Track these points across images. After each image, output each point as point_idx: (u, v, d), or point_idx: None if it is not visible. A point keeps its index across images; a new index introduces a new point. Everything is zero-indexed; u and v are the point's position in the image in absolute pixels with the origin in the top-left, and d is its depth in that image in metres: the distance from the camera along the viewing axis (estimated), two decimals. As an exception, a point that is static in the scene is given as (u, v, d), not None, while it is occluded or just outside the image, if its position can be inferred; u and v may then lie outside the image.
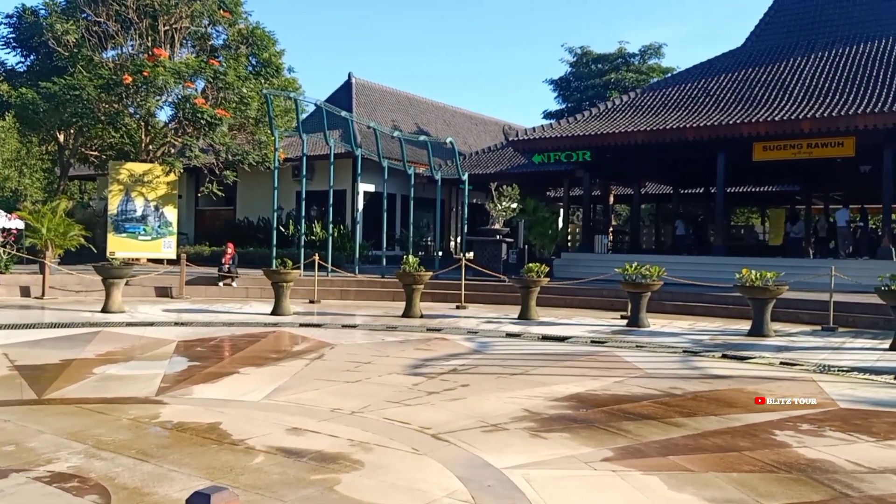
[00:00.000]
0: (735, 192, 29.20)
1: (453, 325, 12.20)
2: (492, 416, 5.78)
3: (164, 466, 4.32)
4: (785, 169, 22.81)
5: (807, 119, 16.91)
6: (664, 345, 10.13)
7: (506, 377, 7.67)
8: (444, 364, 8.33)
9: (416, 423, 5.51)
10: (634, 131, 19.07)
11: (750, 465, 4.58)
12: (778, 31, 22.13)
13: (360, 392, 6.70)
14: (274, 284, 13.40)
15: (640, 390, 6.95)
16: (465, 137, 33.07)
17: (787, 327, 12.25)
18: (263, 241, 22.45)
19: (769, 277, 11.23)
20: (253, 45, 20.79)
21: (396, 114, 29.98)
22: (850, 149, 17.38)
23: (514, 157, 25.12)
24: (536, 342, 10.46)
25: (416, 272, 13.32)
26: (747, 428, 5.51)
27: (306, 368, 7.99)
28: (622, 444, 5.03)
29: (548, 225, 20.92)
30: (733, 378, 7.70)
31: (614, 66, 39.89)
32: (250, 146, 21.18)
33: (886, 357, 9.18)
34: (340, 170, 22.70)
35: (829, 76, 19.18)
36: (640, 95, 22.37)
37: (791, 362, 8.70)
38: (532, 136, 20.96)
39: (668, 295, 14.49)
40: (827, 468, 4.51)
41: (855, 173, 21.60)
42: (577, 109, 33.29)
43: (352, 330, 11.55)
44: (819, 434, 5.39)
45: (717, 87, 20.80)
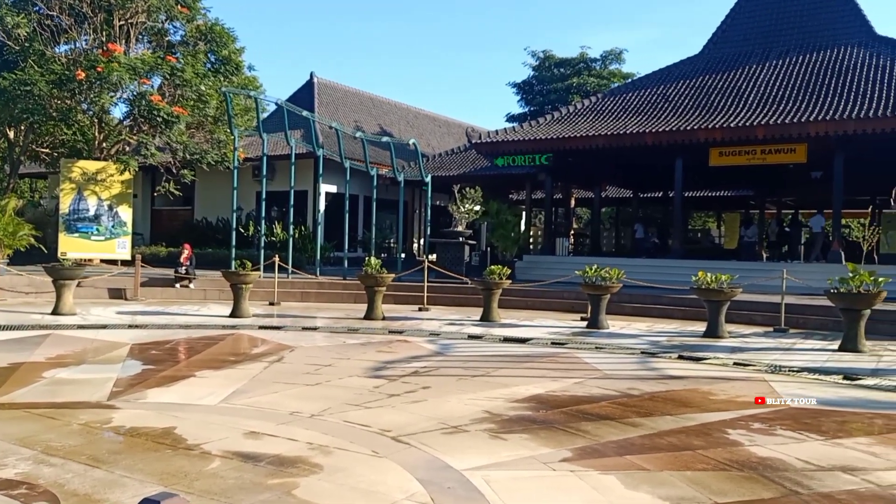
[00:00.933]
0: (692, 196, 29.80)
1: (415, 327, 12.18)
2: (453, 417, 5.79)
3: (115, 472, 4.22)
4: (740, 174, 23.37)
5: (761, 126, 17.34)
6: (623, 346, 10.27)
7: (467, 379, 7.69)
8: (405, 366, 8.32)
9: (376, 425, 5.49)
10: (595, 135, 19.32)
11: (704, 463, 4.67)
12: (734, 39, 22.64)
13: (321, 395, 6.64)
14: (233, 286, 13.21)
15: (599, 391, 7.03)
16: (428, 139, 33.09)
17: (741, 328, 12.53)
18: (222, 242, 22.11)
19: (724, 280, 11.48)
20: (212, 42, 20.46)
21: (359, 114, 29.85)
22: (803, 155, 17.87)
23: (478, 159, 25.23)
24: (498, 344, 10.50)
25: (378, 274, 13.27)
26: (701, 427, 5.63)
27: (265, 371, 7.89)
28: (581, 444, 5.09)
29: (510, 227, 21.04)
30: (689, 378, 7.85)
31: (576, 71, 40.36)
32: (209, 145, 20.85)
33: (835, 358, 9.46)
34: (302, 170, 22.52)
35: (783, 84, 19.70)
36: (601, 100, 22.67)
37: (744, 363, 8.90)
38: (495, 138, 21.07)
39: (628, 297, 14.70)
40: (778, 466, 4.62)
41: (807, 179, 22.23)
42: (539, 113, 33.58)
43: (312, 332, 11.44)
44: (770, 433, 5.53)
45: (675, 93, 21.20)
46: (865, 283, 9.90)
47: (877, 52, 19.72)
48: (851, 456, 4.89)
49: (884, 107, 16.55)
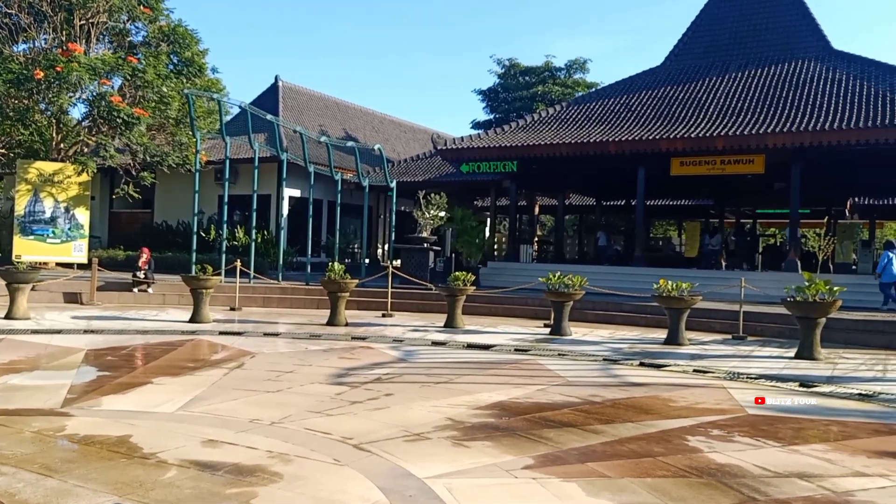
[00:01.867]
0: (654, 204, 30.28)
1: (379, 333, 12.11)
2: (415, 425, 5.75)
3: (69, 482, 4.11)
4: (701, 184, 23.80)
5: (720, 137, 17.68)
6: (585, 353, 10.34)
7: (430, 386, 7.66)
8: (368, 373, 8.26)
9: (337, 433, 5.43)
10: (559, 143, 19.50)
11: (663, 470, 4.71)
12: (695, 51, 23.09)
13: (281, 402, 6.56)
14: (193, 291, 12.99)
15: (562, 398, 7.06)
16: (393, 145, 33.03)
17: (701, 336, 12.72)
18: (183, 246, 21.75)
19: (685, 288, 11.65)
20: (174, 44, 20.14)
21: (324, 118, 29.67)
22: (760, 166, 18.28)
23: (443, 165, 25.26)
24: (461, 350, 10.49)
25: (341, 279, 13.17)
26: (662, 434, 5.68)
27: (225, 378, 7.76)
28: (543, 451, 5.10)
29: (475, 234, 21.09)
30: (650, 385, 7.93)
31: (541, 79, 40.73)
32: (170, 147, 20.50)
33: (792, 365, 9.66)
34: (265, 174, 22.29)
35: (742, 96, 20.13)
36: (565, 109, 22.89)
37: (704, 370, 9.03)
38: (460, 145, 21.12)
39: (590, 304, 14.83)
40: (735, 472, 4.69)
41: (765, 189, 22.75)
42: (504, 120, 33.79)
43: (274, 338, 11.30)
44: (728, 439, 5.61)
45: (638, 103, 21.51)
46: (821, 292, 10.13)
47: (833, 66, 20.29)
48: (807, 462, 4.98)
49: (839, 120, 17.01)
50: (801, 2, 22.16)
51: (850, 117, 17.00)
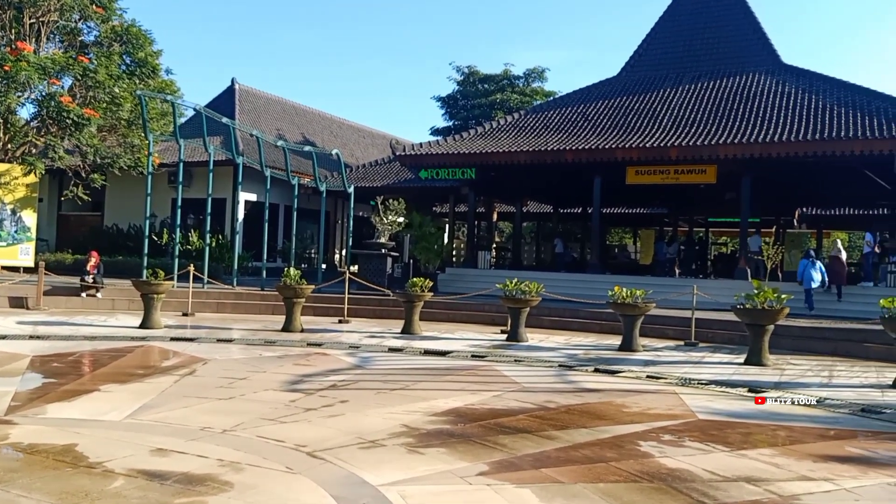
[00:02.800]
0: (610, 212, 30.73)
1: (335, 339, 12.01)
2: (370, 432, 5.72)
3: (11, 492, 3.99)
4: (655, 192, 24.23)
5: (674, 147, 18.05)
6: (541, 359, 10.42)
7: (386, 392, 7.62)
8: (323, 380, 8.18)
9: (291, 440, 5.37)
10: (518, 151, 19.66)
11: (616, 475, 4.77)
12: (650, 63, 23.54)
13: (234, 409, 6.45)
14: (143, 296, 12.70)
15: (517, 404, 7.09)
16: (352, 150, 32.87)
17: (655, 342, 12.93)
18: (134, 250, 21.28)
19: (639, 295, 11.84)
20: (127, 44, 19.71)
21: (282, 123, 29.38)
22: (713, 176, 18.71)
23: (402, 171, 25.22)
24: (418, 357, 10.47)
25: (297, 285, 13.03)
26: (615, 439, 5.75)
27: (175, 385, 7.59)
28: (498, 457, 5.11)
29: (433, 240, 21.09)
30: (604, 391, 8.03)
31: (500, 87, 41.00)
32: (122, 149, 20.04)
33: (741, 371, 9.88)
34: (221, 177, 21.95)
35: (695, 108, 20.59)
36: (523, 117, 23.10)
37: (657, 376, 9.18)
38: (419, 151, 21.13)
39: (547, 310, 14.95)
40: (686, 477, 4.77)
41: (717, 198, 23.27)
42: (463, 127, 33.91)
43: (227, 344, 11.11)
44: (679, 444, 5.71)
45: (594, 112, 21.83)
46: (769, 299, 10.41)
47: (782, 79, 20.90)
48: (755, 467, 5.09)
49: (788, 132, 17.52)
50: (752, 17, 22.79)
51: (799, 130, 17.53)
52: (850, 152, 16.48)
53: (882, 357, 11.00)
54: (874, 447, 5.83)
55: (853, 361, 11.26)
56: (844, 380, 9.44)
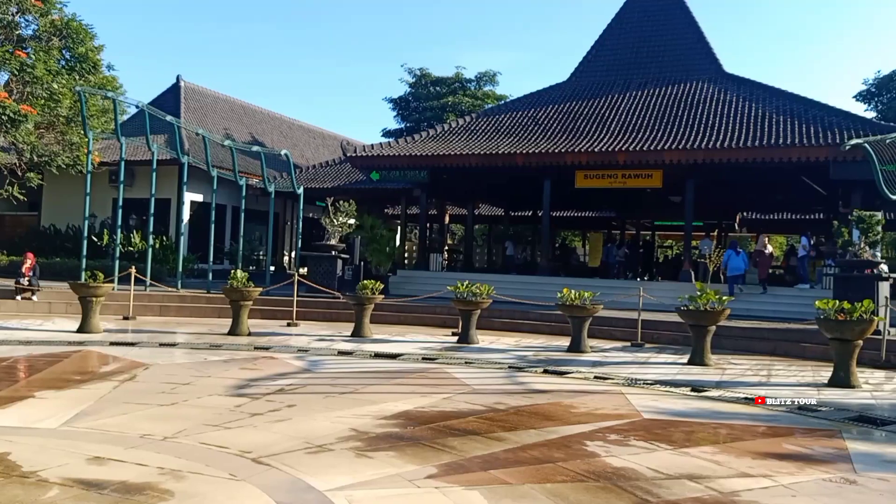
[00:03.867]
0: (560, 215, 31.12)
1: (283, 343, 11.83)
2: (318, 436, 5.63)
3: (-66, 506, 3.77)
4: (604, 196, 24.67)
5: (622, 152, 18.39)
6: (492, 361, 10.45)
7: (335, 396, 7.53)
8: (270, 384, 8.03)
9: (235, 446, 5.25)
10: (469, 154, 19.74)
11: (563, 475, 4.80)
12: (599, 69, 23.94)
13: (176, 415, 6.28)
14: (82, 299, 12.28)
15: (467, 406, 7.09)
16: (302, 150, 32.50)
17: (603, 343, 13.12)
18: (72, 252, 20.60)
19: (587, 297, 12.00)
20: (67, 38, 19.06)
21: (229, 122, 28.85)
22: (658, 180, 19.12)
23: (353, 172, 25.04)
24: (369, 360, 10.39)
25: (244, 287, 12.79)
26: (562, 440, 5.80)
27: (115, 391, 7.36)
28: (446, 460, 5.09)
29: (384, 242, 21.00)
30: (553, 392, 8.09)
31: (452, 90, 41.13)
32: (60, 147, 19.37)
33: (685, 371, 10.10)
34: (165, 177, 21.43)
35: (642, 113, 21.02)
36: (475, 120, 23.21)
37: (604, 376, 9.31)
38: (370, 152, 21.02)
39: (498, 312, 15.03)
40: (630, 475, 4.83)
41: (663, 202, 23.81)
42: (415, 129, 33.89)
43: (171, 349, 10.82)
44: (625, 444, 5.79)
45: (544, 117, 22.08)
46: (711, 301, 10.67)
47: (724, 88, 21.50)
48: (697, 464, 5.20)
49: (729, 139, 18.03)
50: (696, 27, 23.40)
51: (740, 137, 18.06)
52: (788, 159, 17.06)
53: (818, 357, 11.39)
54: (810, 444, 6.02)
55: (791, 361, 11.63)
56: (782, 379, 9.75)
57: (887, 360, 10.99)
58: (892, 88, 35.71)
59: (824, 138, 16.98)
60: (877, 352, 11.02)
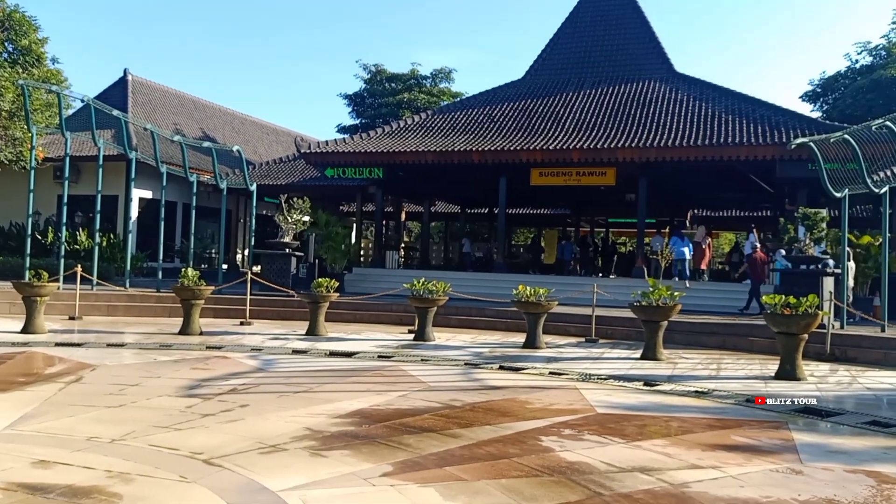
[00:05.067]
0: (516, 213, 31.35)
1: (236, 342, 11.64)
2: (271, 436, 5.56)
3: None
4: (559, 193, 24.90)
5: (576, 150, 18.60)
6: (448, 358, 10.46)
7: (289, 395, 7.44)
8: (223, 384, 7.89)
9: (186, 448, 5.14)
10: (425, 151, 19.72)
11: (518, 470, 4.83)
12: (553, 67, 24.16)
13: (124, 417, 6.12)
14: (25, 299, 11.87)
15: (423, 403, 7.08)
16: (255, 146, 32.01)
17: (558, 339, 13.26)
18: (16, 250, 19.91)
19: (542, 293, 12.10)
20: (10, 31, 18.42)
21: (179, 117, 28.23)
22: (612, 178, 19.41)
23: (307, 169, 24.78)
24: (323, 358, 10.29)
25: (195, 286, 12.53)
26: (517, 435, 5.84)
27: (61, 393, 7.14)
28: (402, 458, 5.08)
29: (340, 239, 20.81)
30: (508, 388, 8.14)
31: (407, 87, 40.99)
32: (2, 142, 18.70)
33: (638, 365, 10.27)
34: (112, 173, 20.85)
35: (596, 112, 21.30)
36: (431, 117, 23.19)
37: (559, 372, 9.40)
38: (325, 149, 20.83)
39: (454, 309, 15.05)
40: (584, 469, 4.89)
41: (616, 200, 24.17)
42: (370, 126, 33.69)
43: (119, 349, 10.55)
44: (579, 438, 5.85)
45: (500, 114, 22.18)
46: (663, 296, 10.87)
47: (676, 87, 21.93)
48: (648, 457, 5.29)
49: (681, 137, 18.40)
50: (648, 26, 23.81)
51: (691, 136, 18.44)
52: (737, 157, 17.50)
53: (765, 350, 11.71)
54: (758, 436, 6.18)
55: (739, 354, 11.93)
56: (731, 372, 9.99)
57: (832, 354, 11.37)
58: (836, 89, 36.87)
59: (771, 137, 17.46)
60: (822, 345, 11.38)
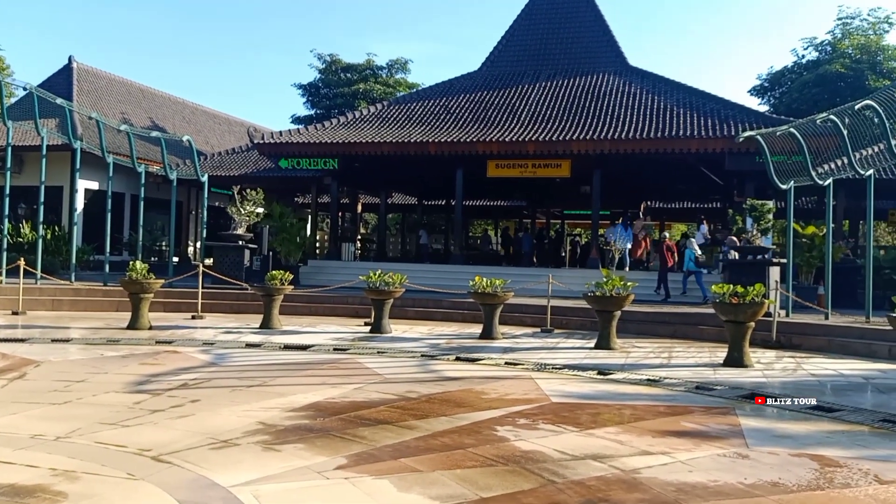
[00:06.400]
0: (472, 204, 31.38)
1: (187, 336, 11.41)
2: (223, 431, 5.46)
3: None
4: (515, 185, 25.03)
5: (532, 142, 18.70)
6: (404, 350, 10.44)
7: (242, 390, 7.33)
8: (173, 379, 7.73)
9: (134, 445, 5.03)
10: (381, 142, 19.57)
11: (473, 460, 4.85)
12: (509, 59, 24.21)
13: (70, 414, 5.95)
14: (-35, 293, 11.43)
15: (378, 396, 7.05)
16: (207, 137, 31.36)
17: (514, 329, 13.35)
18: (-45, 244, 19.11)
19: (498, 284, 12.15)
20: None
21: (127, 106, 27.45)
22: (567, 170, 19.56)
23: (261, 160, 24.37)
24: (278, 352, 10.16)
25: (144, 279, 12.22)
26: (473, 426, 5.85)
27: (3, 390, 6.93)
28: (357, 450, 5.04)
29: (295, 231, 20.54)
30: (464, 379, 8.16)
31: (363, 77, 40.65)
32: (-61, 131, 17.94)
33: (592, 355, 10.41)
34: (56, 163, 20.20)
35: (551, 104, 21.43)
36: (387, 108, 23.03)
37: (515, 362, 9.47)
38: (279, 139, 20.51)
39: (411, 301, 15.02)
40: (538, 458, 4.93)
41: (572, 192, 24.40)
42: (326, 116, 33.31)
43: (64, 344, 10.25)
44: (533, 427, 5.90)
45: (456, 106, 22.15)
46: (617, 287, 11.03)
47: (629, 80, 22.19)
48: (601, 445, 5.36)
49: (634, 130, 18.65)
50: (601, 20, 24.03)
51: (644, 128, 18.71)
52: (688, 150, 17.83)
53: (714, 338, 11.99)
54: (706, 422, 6.32)
55: (690, 343, 12.20)
56: (682, 360, 10.20)
57: (777, 341, 11.70)
58: (783, 83, 37.94)
59: (721, 131, 17.82)
60: (768, 333, 11.71)
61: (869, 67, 32.91)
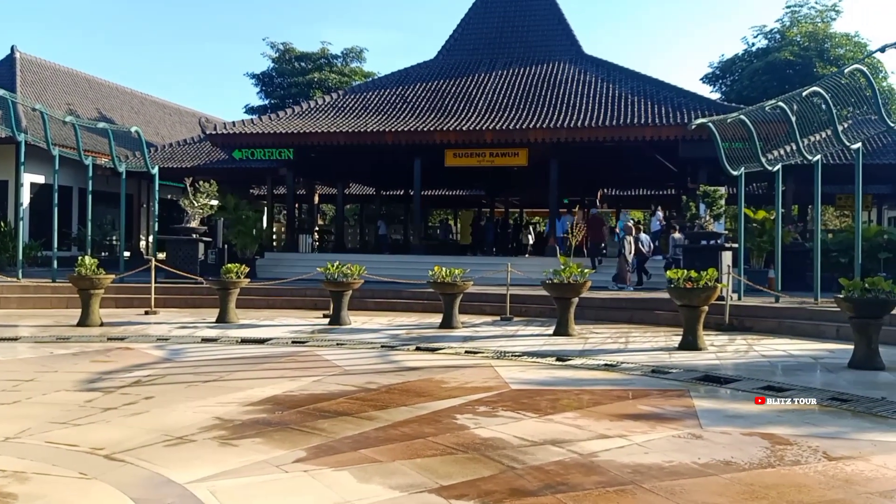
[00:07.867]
0: (431, 194, 31.37)
1: (141, 332, 11.16)
2: (178, 428, 5.36)
3: None
4: (473, 175, 25.07)
5: (489, 130, 18.74)
6: (364, 341, 10.39)
7: (198, 385, 7.20)
8: (126, 376, 7.55)
9: (86, 444, 4.90)
10: (337, 132, 19.39)
11: (433, 449, 4.85)
12: (465, 48, 24.19)
13: (18, 414, 5.77)
14: None
15: (338, 387, 7.00)
16: (157, 128, 30.65)
17: (474, 318, 13.40)
18: None
19: (457, 274, 12.17)
20: None
21: (73, 97, 26.63)
22: (524, 159, 19.67)
23: (214, 151, 23.93)
24: (235, 346, 10.02)
25: (94, 275, 11.90)
26: (433, 415, 5.86)
27: (-55, 392, 6.64)
28: (316, 443, 5.00)
29: (250, 224, 20.24)
30: (424, 369, 8.16)
31: (317, 66, 40.14)
32: None
33: (551, 342, 10.51)
34: (0, 157, 19.51)
35: (508, 93, 21.49)
36: (342, 97, 22.81)
37: (475, 350, 9.51)
38: (231, 130, 20.17)
39: (370, 292, 14.95)
40: (498, 445, 4.96)
41: (530, 180, 24.54)
42: (280, 106, 32.82)
43: (12, 343, 9.95)
44: (493, 415, 5.93)
45: (413, 95, 22.05)
46: (574, 274, 11.15)
47: (584, 69, 22.37)
48: (560, 430, 5.42)
49: (590, 118, 18.83)
50: (556, 8, 24.16)
51: (599, 116, 18.90)
52: (643, 137, 18.08)
53: (669, 323, 12.22)
54: (662, 404, 6.43)
55: (646, 328, 12.41)
56: (639, 345, 10.37)
57: (730, 324, 11.99)
58: (734, 71, 38.68)
59: (674, 118, 18.11)
60: (721, 316, 11.98)
61: (817, 55, 33.74)
